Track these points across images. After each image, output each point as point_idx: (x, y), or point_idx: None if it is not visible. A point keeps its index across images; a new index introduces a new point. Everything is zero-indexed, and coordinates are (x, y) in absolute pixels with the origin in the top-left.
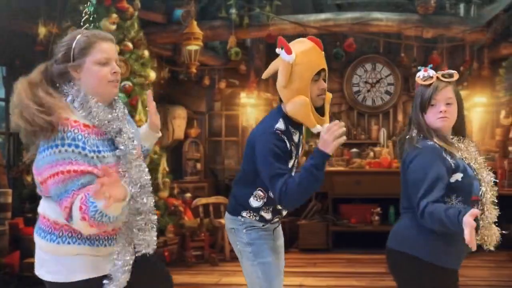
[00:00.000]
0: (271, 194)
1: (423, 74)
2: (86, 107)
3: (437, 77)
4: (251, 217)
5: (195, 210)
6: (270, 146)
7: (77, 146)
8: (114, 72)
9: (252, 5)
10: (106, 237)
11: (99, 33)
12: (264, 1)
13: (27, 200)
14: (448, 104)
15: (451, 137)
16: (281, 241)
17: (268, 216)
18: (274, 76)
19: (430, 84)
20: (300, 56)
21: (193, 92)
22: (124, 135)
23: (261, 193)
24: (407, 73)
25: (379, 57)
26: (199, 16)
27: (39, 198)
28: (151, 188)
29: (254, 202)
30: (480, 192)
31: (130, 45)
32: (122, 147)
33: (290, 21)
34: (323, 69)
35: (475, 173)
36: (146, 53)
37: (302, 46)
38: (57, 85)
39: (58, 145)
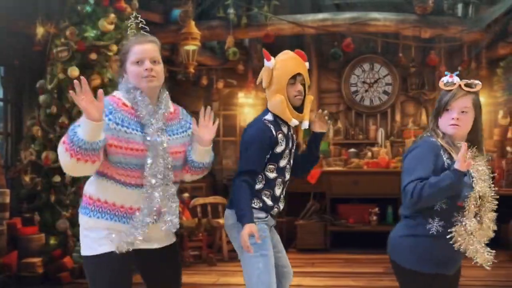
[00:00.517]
0: (268, 175)
1: (447, 80)
2: (130, 92)
3: (460, 85)
4: (255, 204)
5: (193, 210)
6: (254, 135)
7: (103, 112)
8: (146, 69)
9: (250, 5)
10: (128, 215)
11: (137, 37)
12: (262, 1)
13: (25, 200)
14: (463, 112)
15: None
16: (277, 236)
17: (269, 202)
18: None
19: (451, 90)
20: (279, 63)
21: (191, 92)
22: (151, 128)
23: (260, 176)
24: (405, 73)
25: (377, 57)
26: (197, 16)
27: (37, 198)
28: (172, 179)
29: (258, 184)
30: (466, 200)
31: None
32: (148, 138)
33: (288, 21)
34: (299, 74)
35: (471, 181)
36: None
37: (283, 55)
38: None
39: None
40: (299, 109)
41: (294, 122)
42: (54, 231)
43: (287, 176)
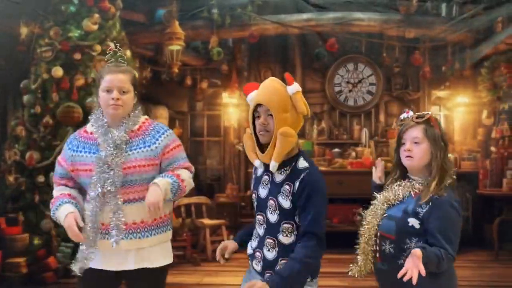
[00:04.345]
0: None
1: (403, 116)
2: (97, 120)
3: (411, 118)
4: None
5: (176, 210)
6: None
7: (66, 143)
8: (113, 98)
9: (234, 5)
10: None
11: (110, 67)
12: (246, 1)
13: (9, 200)
14: (415, 143)
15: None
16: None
17: (253, 244)
18: None
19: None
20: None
21: (175, 92)
22: (105, 144)
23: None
24: (389, 73)
25: (361, 57)
26: (181, 16)
27: (21, 198)
28: (117, 193)
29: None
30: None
31: (111, 45)
32: (101, 153)
33: (272, 21)
34: (259, 105)
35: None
36: (128, 53)
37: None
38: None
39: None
40: (265, 145)
41: (257, 163)
42: (38, 231)
43: (260, 230)
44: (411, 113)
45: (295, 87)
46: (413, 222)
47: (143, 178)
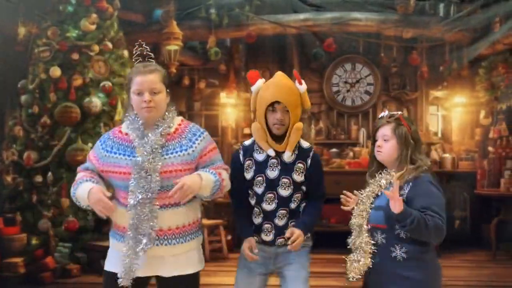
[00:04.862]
0: (256, 190)
1: (381, 115)
2: (132, 122)
3: (383, 117)
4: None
5: None
6: (231, 162)
7: (100, 142)
8: (144, 101)
9: (232, 5)
10: (119, 233)
11: (138, 67)
12: (244, 1)
13: (7, 200)
14: (385, 140)
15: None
16: (289, 268)
17: (257, 220)
18: None
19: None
20: (262, 88)
21: (173, 92)
22: (141, 148)
23: (250, 192)
24: (387, 73)
25: (359, 57)
26: (177, 15)
27: (19, 198)
28: (156, 198)
29: (251, 200)
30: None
31: (109, 45)
32: (138, 158)
33: (270, 21)
34: (277, 102)
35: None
36: (126, 53)
37: (269, 80)
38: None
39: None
40: (282, 137)
41: (270, 152)
42: (36, 231)
43: (269, 206)
44: (387, 112)
45: (304, 86)
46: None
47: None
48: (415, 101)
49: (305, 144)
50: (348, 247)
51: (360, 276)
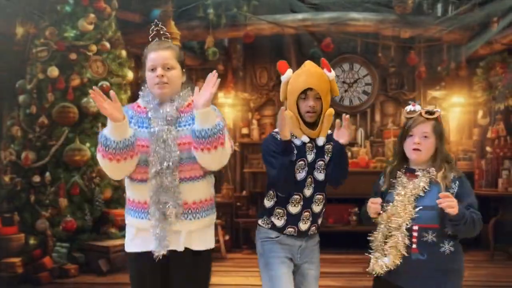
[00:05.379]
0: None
1: (409, 108)
2: (146, 95)
3: (420, 113)
4: (265, 225)
5: None
6: (265, 147)
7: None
8: (157, 76)
9: (230, 5)
10: (140, 210)
11: (152, 45)
12: (241, 0)
13: (5, 200)
14: (424, 137)
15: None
16: (311, 267)
17: (279, 223)
18: None
19: (412, 117)
20: (292, 77)
21: None
22: (156, 119)
23: (272, 192)
24: (385, 73)
25: (357, 57)
26: (177, 16)
27: (17, 198)
28: (177, 168)
29: (267, 203)
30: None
31: (107, 45)
32: (152, 128)
33: (268, 21)
34: (310, 89)
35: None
36: (124, 53)
37: (299, 69)
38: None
39: None
40: (314, 124)
41: (304, 138)
42: (33, 231)
43: (308, 191)
44: (417, 106)
45: (333, 73)
46: None
47: (192, 156)
48: (413, 101)
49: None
50: (372, 244)
51: (382, 273)
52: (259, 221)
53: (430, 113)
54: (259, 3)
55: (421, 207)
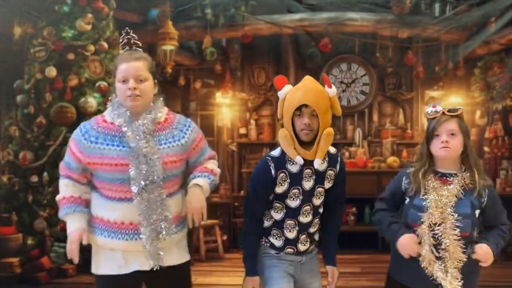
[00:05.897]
0: (274, 215)
1: (431, 110)
2: (115, 108)
3: (443, 112)
4: (264, 243)
5: None
6: (254, 175)
7: (80, 132)
8: (129, 88)
9: (227, 5)
10: (118, 230)
11: (123, 55)
12: (239, 1)
13: (2, 200)
14: (451, 135)
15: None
16: (313, 280)
17: (277, 243)
18: None
19: (435, 117)
20: (289, 93)
21: (169, 92)
22: (132, 134)
23: (268, 212)
24: (383, 73)
25: (355, 57)
26: (175, 16)
27: (14, 198)
28: (160, 184)
29: (265, 222)
30: (418, 222)
31: (105, 45)
32: (132, 145)
33: (266, 21)
34: (305, 105)
35: (423, 204)
36: None
37: (298, 84)
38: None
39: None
40: (311, 143)
41: (298, 159)
42: (31, 231)
43: (306, 219)
44: (438, 107)
45: (334, 90)
46: (477, 213)
47: (172, 174)
48: (411, 101)
49: (332, 149)
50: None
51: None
52: (261, 240)
53: (453, 110)
54: (257, 3)
55: (456, 215)
